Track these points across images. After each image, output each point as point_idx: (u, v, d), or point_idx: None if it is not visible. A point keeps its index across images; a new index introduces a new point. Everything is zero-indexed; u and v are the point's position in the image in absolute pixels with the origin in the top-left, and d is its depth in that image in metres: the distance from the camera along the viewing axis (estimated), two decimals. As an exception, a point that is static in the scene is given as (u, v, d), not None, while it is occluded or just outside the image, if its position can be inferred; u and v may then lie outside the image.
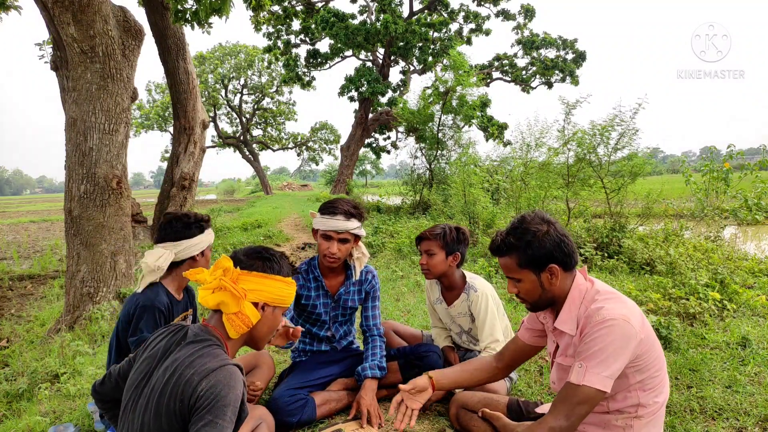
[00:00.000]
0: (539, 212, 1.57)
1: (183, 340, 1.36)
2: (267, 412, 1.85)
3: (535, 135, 7.24)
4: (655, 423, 1.48)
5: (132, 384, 1.34)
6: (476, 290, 2.38)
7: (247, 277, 1.43)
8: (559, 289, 1.53)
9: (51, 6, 3.68)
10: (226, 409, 1.20)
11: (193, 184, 8.75)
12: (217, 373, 1.24)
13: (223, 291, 1.38)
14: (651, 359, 1.43)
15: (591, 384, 1.36)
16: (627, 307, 1.44)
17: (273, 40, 20.60)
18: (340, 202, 2.24)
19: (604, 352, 1.36)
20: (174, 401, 1.22)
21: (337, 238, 2.20)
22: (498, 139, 17.78)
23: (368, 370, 2.27)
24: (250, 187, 51.26)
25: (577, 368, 1.40)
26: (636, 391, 1.43)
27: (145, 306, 1.96)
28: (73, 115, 3.86)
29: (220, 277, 1.39)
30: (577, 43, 21.36)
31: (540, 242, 1.48)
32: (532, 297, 1.56)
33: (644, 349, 1.41)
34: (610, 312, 1.40)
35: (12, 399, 2.64)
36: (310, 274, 2.37)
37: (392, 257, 6.32)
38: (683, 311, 3.38)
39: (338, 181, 22.64)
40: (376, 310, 2.46)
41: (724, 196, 6.03)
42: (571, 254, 1.51)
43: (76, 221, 3.83)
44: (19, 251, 8.87)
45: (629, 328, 1.37)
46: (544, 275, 1.51)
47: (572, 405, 1.38)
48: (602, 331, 1.38)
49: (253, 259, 1.48)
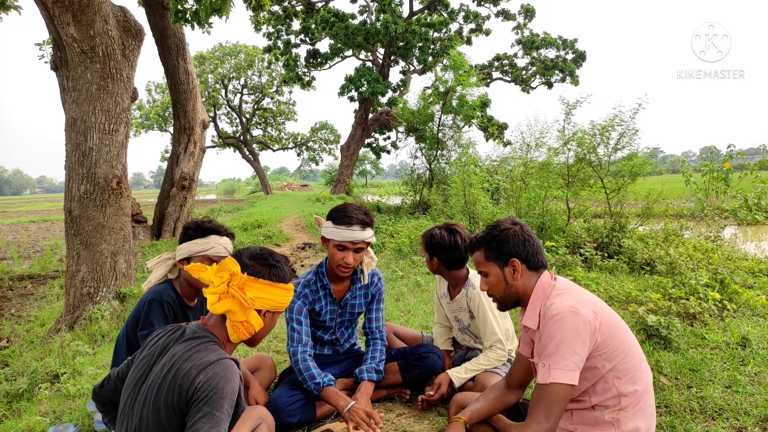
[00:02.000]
0: (512, 216, 1.74)
1: (181, 337, 1.38)
2: (267, 412, 1.84)
3: (535, 135, 7.24)
4: (642, 413, 1.50)
5: (130, 383, 1.35)
6: (474, 287, 2.38)
7: (254, 284, 1.43)
8: (522, 286, 1.63)
9: (51, 6, 3.68)
10: (223, 401, 1.23)
11: (193, 184, 8.75)
12: (215, 365, 1.27)
13: (231, 299, 1.38)
14: (615, 345, 1.48)
15: (557, 380, 1.42)
16: (576, 298, 1.51)
17: (273, 40, 20.61)
18: (353, 211, 2.15)
19: (559, 346, 1.43)
20: (172, 394, 1.24)
21: (353, 248, 2.14)
22: (498, 139, 17.80)
23: (365, 372, 2.26)
24: (250, 187, 51.27)
25: (541, 368, 1.46)
26: (612, 380, 1.47)
27: (153, 300, 2.01)
28: (73, 115, 3.86)
29: (227, 281, 1.39)
30: (577, 43, 21.38)
31: (504, 237, 1.63)
32: (498, 291, 1.67)
33: (604, 335, 1.47)
34: (557, 306, 1.48)
35: (12, 399, 2.64)
36: (319, 283, 2.31)
37: (392, 257, 6.32)
38: (683, 311, 3.38)
39: (338, 181, 22.66)
40: (379, 313, 2.44)
41: (724, 196, 6.03)
42: (535, 253, 1.63)
43: (76, 221, 3.83)
44: (19, 251, 8.87)
45: (577, 317, 1.44)
46: (508, 269, 1.63)
47: (547, 405, 1.43)
48: (553, 326, 1.46)
49: (261, 265, 1.48)
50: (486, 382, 2.24)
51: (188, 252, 2.06)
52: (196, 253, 2.06)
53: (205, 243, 2.08)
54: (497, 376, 2.28)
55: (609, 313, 1.54)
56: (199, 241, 2.08)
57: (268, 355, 2.58)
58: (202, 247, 2.07)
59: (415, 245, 6.60)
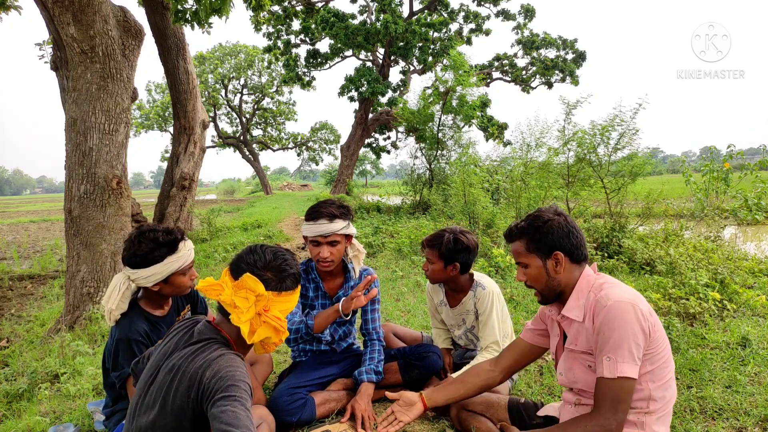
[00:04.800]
0: (554, 206, 1.64)
1: (189, 339, 1.36)
2: (267, 412, 1.85)
3: (535, 135, 7.24)
4: (664, 421, 1.48)
5: (141, 383, 1.35)
6: (484, 288, 2.38)
7: (278, 298, 1.37)
8: (565, 279, 1.56)
9: (51, 6, 3.67)
10: (239, 383, 1.20)
11: (193, 184, 8.75)
12: (218, 360, 1.25)
13: (265, 326, 1.32)
14: (660, 348, 1.44)
15: (626, 374, 1.37)
16: (633, 292, 1.46)
17: (273, 40, 20.59)
18: (322, 205, 2.18)
19: (622, 338, 1.37)
20: (179, 398, 1.23)
21: (325, 242, 2.16)
22: (498, 139, 17.79)
23: (364, 374, 2.26)
24: (250, 187, 51.25)
25: (605, 362, 1.40)
26: (647, 383, 1.44)
27: (121, 339, 1.85)
28: (73, 115, 3.86)
29: (253, 303, 1.31)
30: (577, 43, 21.37)
31: (548, 228, 1.54)
32: (539, 284, 1.59)
33: (655, 335, 1.42)
34: (617, 295, 1.43)
35: (12, 399, 2.64)
36: (309, 275, 2.36)
37: (392, 257, 6.32)
38: (683, 311, 3.38)
39: (338, 181, 22.64)
40: (375, 314, 2.42)
41: (724, 196, 6.03)
42: (578, 246, 1.55)
43: (76, 221, 3.83)
44: (19, 251, 8.87)
45: (637, 311, 1.39)
46: (550, 262, 1.56)
47: (615, 401, 1.38)
48: (614, 318, 1.40)
49: (280, 276, 1.40)
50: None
51: (164, 274, 1.86)
52: (173, 272, 1.88)
53: (179, 257, 1.88)
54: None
55: (656, 315, 1.50)
56: (174, 258, 1.87)
57: None
58: (179, 264, 1.88)
59: (415, 245, 6.60)
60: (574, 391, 1.59)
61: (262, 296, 1.33)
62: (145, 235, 1.86)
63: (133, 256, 1.84)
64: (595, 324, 1.46)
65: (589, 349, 1.49)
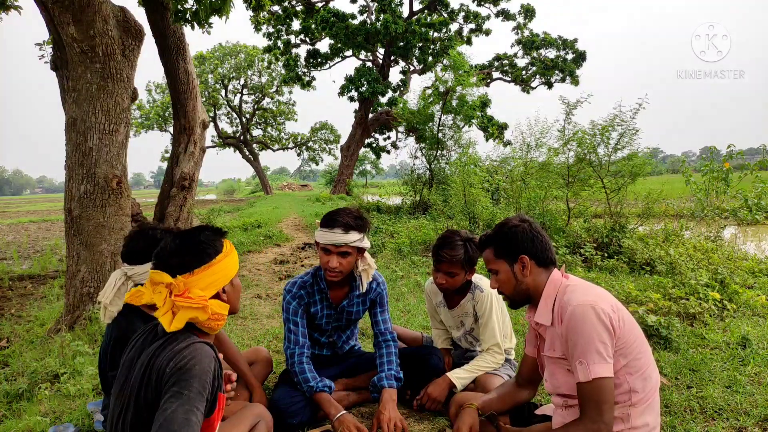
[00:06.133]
0: (520, 214, 1.74)
1: (155, 337, 1.33)
2: (266, 410, 1.84)
3: (535, 135, 7.24)
4: (650, 410, 1.50)
5: (114, 392, 1.33)
6: (482, 290, 2.37)
7: (194, 278, 1.31)
8: (533, 282, 1.63)
9: (51, 6, 3.67)
10: (192, 380, 1.17)
11: (193, 184, 8.74)
12: (184, 350, 1.23)
13: (185, 310, 1.27)
14: (631, 341, 1.47)
15: (599, 374, 1.40)
16: (593, 293, 1.51)
17: (273, 40, 20.61)
18: (340, 214, 2.11)
19: (587, 341, 1.42)
20: (151, 394, 1.21)
21: (336, 252, 2.09)
22: (498, 139, 17.78)
23: (384, 380, 2.18)
24: (250, 187, 51.27)
25: (579, 367, 1.44)
26: (625, 376, 1.47)
27: (119, 338, 1.84)
28: (73, 115, 3.86)
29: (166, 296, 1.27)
30: (577, 43, 21.38)
31: (513, 234, 1.64)
32: (508, 288, 1.67)
33: (622, 330, 1.46)
34: (576, 299, 1.48)
35: (12, 399, 2.64)
36: (315, 286, 2.28)
37: (392, 257, 6.32)
38: (683, 311, 3.38)
39: (338, 181, 22.67)
40: (385, 314, 2.39)
41: (724, 196, 6.04)
42: (543, 250, 1.63)
43: (76, 221, 3.83)
44: (19, 251, 8.87)
45: (597, 311, 1.44)
46: (517, 266, 1.63)
47: (597, 402, 1.41)
48: (577, 322, 1.45)
49: (187, 256, 1.33)
50: (487, 382, 2.24)
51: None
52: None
53: None
54: (498, 377, 2.28)
55: (624, 309, 1.54)
56: None
57: (263, 348, 2.57)
58: None
59: (415, 245, 6.60)
60: (560, 395, 1.60)
61: (172, 285, 1.29)
62: (144, 233, 1.88)
63: (131, 252, 1.86)
64: (562, 329, 1.51)
65: (564, 355, 1.53)
